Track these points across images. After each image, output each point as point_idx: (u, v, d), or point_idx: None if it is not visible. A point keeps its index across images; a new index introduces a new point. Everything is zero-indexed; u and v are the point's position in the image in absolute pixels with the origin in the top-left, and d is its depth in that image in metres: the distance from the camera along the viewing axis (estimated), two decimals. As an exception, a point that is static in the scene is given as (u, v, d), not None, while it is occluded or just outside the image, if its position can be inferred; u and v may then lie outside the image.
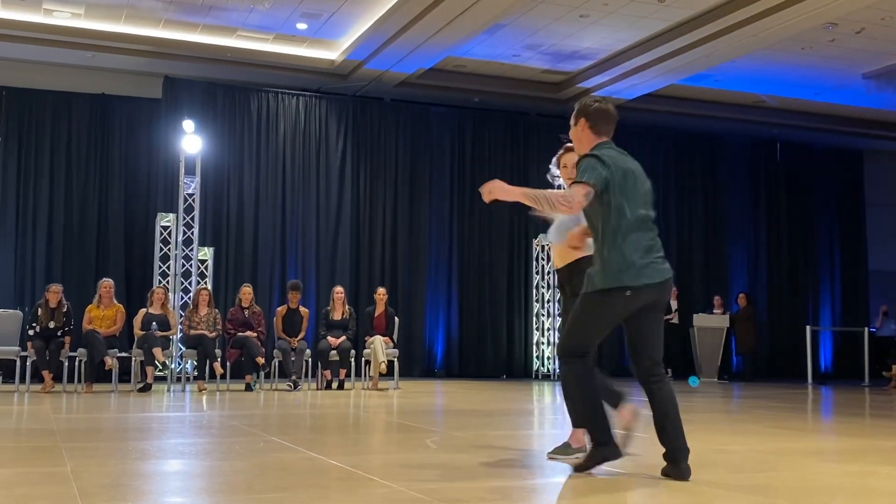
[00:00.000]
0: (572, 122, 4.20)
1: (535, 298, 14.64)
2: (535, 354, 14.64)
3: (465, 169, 14.99)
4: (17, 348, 10.43)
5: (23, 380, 10.18)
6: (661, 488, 3.80)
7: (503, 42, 12.77)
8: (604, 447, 4.04)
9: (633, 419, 4.24)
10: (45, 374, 10.12)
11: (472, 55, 13.28)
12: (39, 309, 10.42)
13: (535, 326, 14.62)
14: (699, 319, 14.75)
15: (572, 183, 3.98)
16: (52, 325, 10.29)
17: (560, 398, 9.99)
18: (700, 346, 14.66)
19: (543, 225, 14.65)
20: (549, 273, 14.50)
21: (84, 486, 3.68)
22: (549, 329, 14.41)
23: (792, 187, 17.07)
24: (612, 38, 12.59)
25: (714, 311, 15.11)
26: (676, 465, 3.94)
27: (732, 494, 3.69)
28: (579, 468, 4.11)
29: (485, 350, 14.74)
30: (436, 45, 12.28)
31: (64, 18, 11.98)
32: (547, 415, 8.30)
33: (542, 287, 14.56)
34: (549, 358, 14.41)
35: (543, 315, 14.54)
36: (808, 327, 15.16)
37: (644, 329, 4.02)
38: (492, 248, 14.96)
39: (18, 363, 10.28)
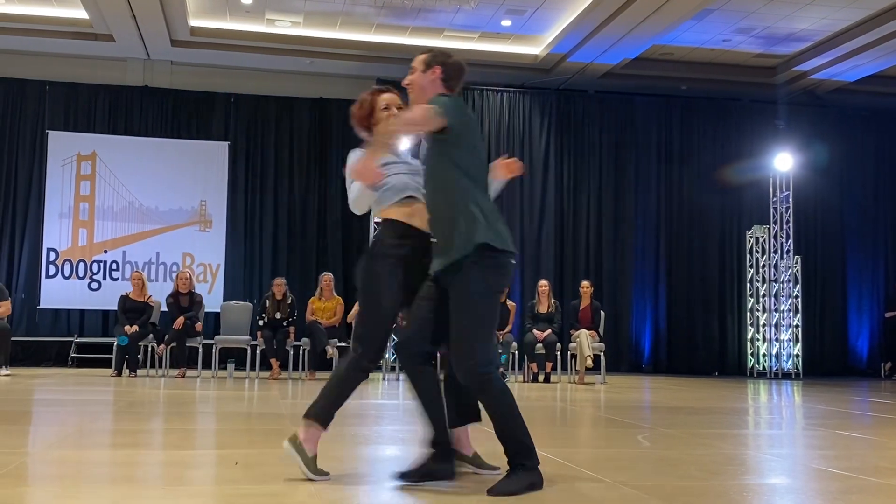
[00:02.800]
0: (421, 66, 3.69)
1: (749, 293, 14.09)
2: (749, 351, 14.09)
3: (672, 159, 14.64)
4: (248, 338, 11.27)
5: (253, 367, 10.98)
6: (881, 493, 3.61)
7: (712, 27, 12.37)
8: (442, 462, 3.65)
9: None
10: (273, 361, 10.85)
11: (680, 42, 12.95)
12: (267, 301, 11.20)
13: (749, 322, 14.06)
14: (927, 314, 13.79)
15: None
16: (277, 315, 11.03)
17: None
18: (930, 342, 13.70)
19: (759, 215, 14.16)
20: (763, 266, 13.90)
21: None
22: (764, 325, 13.83)
23: None
24: (831, 17, 11.90)
25: (944, 304, 14.06)
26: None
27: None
28: (407, 476, 3.62)
29: (695, 346, 14.32)
30: (642, 34, 12.08)
31: (285, 27, 12.76)
32: (763, 414, 7.98)
33: (757, 281, 13.98)
34: (764, 355, 13.84)
35: (759, 310, 13.95)
36: None
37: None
38: (702, 240, 14.52)
39: (249, 351, 11.10)
